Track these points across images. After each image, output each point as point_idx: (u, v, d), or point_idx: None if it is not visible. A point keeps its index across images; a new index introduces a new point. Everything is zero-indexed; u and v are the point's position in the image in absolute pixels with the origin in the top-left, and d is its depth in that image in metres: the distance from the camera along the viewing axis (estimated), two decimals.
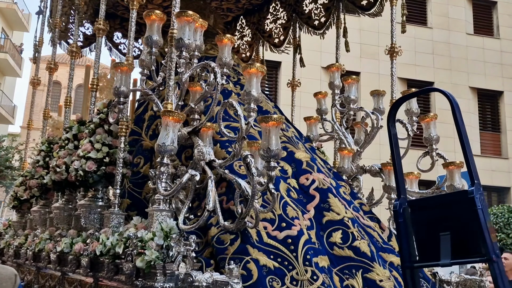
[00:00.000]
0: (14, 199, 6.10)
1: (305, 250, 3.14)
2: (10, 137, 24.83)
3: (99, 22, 4.42)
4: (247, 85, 3.12)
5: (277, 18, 6.39)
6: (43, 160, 5.49)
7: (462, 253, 2.40)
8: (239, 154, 2.98)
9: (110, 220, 3.68)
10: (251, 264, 2.95)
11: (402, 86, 19.05)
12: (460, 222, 2.37)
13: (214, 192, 2.93)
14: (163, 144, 2.99)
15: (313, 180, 3.77)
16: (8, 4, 27.22)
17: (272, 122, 2.79)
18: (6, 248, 6.25)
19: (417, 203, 2.74)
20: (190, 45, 3.30)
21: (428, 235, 2.46)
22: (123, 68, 3.69)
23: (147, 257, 2.73)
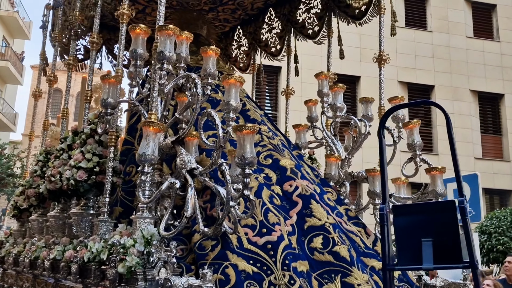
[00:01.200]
0: (14, 208, 6.22)
1: (284, 255, 3.23)
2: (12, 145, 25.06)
3: (93, 35, 4.56)
4: (226, 95, 3.23)
5: (272, 27, 6.49)
6: (41, 170, 5.61)
7: (445, 259, 2.52)
8: (216, 162, 3.07)
9: (99, 227, 3.78)
10: (229, 269, 3.05)
11: (403, 90, 19.10)
12: (442, 229, 2.51)
13: (193, 200, 3.03)
14: (143, 154, 3.10)
15: (296, 186, 3.86)
16: (9, 12, 27.50)
17: (246, 131, 2.89)
18: (7, 256, 6.37)
19: (400, 208, 2.85)
20: (171, 58, 3.41)
21: (410, 240, 2.57)
22: (110, 80, 3.80)
23: (128, 263, 2.83)
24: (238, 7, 6.16)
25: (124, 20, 4.10)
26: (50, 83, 6.01)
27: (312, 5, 5.92)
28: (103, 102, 3.76)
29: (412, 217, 2.60)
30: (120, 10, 4.08)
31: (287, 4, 6.17)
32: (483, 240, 11.17)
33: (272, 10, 6.33)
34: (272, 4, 6.28)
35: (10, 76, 27.39)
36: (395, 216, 2.61)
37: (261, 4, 6.21)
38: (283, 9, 6.23)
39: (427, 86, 19.30)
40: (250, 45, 6.88)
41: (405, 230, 2.59)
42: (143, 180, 3.14)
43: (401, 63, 19.18)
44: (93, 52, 4.66)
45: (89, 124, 4.40)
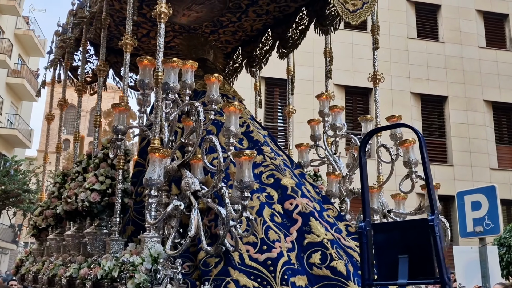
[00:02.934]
0: (34, 228, 6.54)
1: (283, 271, 3.46)
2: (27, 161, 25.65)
3: (100, 63, 4.87)
4: (227, 122, 3.49)
5: (265, 45, 6.79)
6: (58, 191, 5.92)
7: (418, 274, 2.71)
8: (217, 186, 3.32)
9: (111, 246, 4.05)
10: (231, 284, 3.29)
11: (416, 102, 19.21)
12: (417, 246, 2.69)
13: (197, 220, 3.28)
14: (150, 178, 3.37)
15: (296, 204, 4.10)
16: (25, 31, 28.23)
17: (244, 157, 3.14)
18: (27, 274, 6.68)
19: (380, 226, 3.04)
20: (175, 88, 3.69)
21: (388, 256, 2.76)
22: (120, 108, 4.10)
23: (137, 280, 3.10)
24: (238, 29, 6.48)
25: (127, 50, 4.40)
26: (62, 108, 6.34)
27: (301, 23, 6.22)
28: (114, 128, 4.05)
29: (390, 234, 2.80)
30: (123, 40, 4.38)
31: (283, 25, 6.46)
32: (502, 253, 11.04)
33: (270, 31, 6.60)
34: (270, 25, 6.57)
35: (26, 93, 28.09)
36: (375, 233, 2.79)
37: (260, 25, 6.51)
38: (279, 30, 6.52)
39: (440, 97, 19.36)
40: (246, 64, 7.19)
41: (383, 247, 2.78)
42: (150, 203, 3.41)
43: (414, 74, 19.31)
44: (101, 79, 4.98)
45: (102, 149, 4.70)
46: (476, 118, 19.16)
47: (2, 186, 21.67)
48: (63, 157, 6.97)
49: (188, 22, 6.32)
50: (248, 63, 7.13)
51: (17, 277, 7.45)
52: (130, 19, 4.60)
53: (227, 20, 6.34)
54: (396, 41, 19.50)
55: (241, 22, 6.39)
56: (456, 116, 19.11)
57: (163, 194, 3.94)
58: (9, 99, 27.26)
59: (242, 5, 5.99)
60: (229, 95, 5.51)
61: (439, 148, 19.10)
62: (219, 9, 6.06)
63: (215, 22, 6.38)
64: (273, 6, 6.08)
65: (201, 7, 5.99)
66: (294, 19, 6.31)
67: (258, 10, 6.15)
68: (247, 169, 3.16)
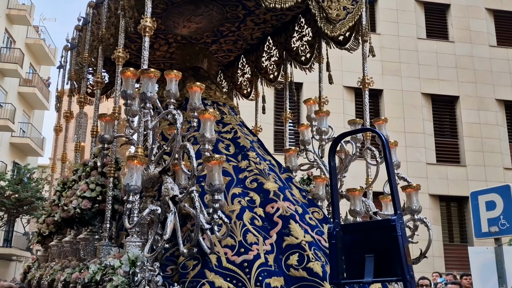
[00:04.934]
0: (38, 235, 6.82)
1: (258, 272, 3.64)
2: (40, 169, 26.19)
3: (97, 76, 5.11)
4: (202, 129, 3.68)
5: (271, 55, 6.93)
6: (58, 199, 6.18)
7: (383, 273, 2.85)
8: (188, 190, 3.52)
9: (100, 251, 4.27)
10: (206, 286, 3.49)
11: (427, 102, 19.21)
12: (381, 246, 2.81)
13: (173, 224, 3.47)
14: (127, 185, 3.58)
15: (277, 208, 4.28)
16: (36, 40, 28.84)
17: (213, 162, 3.34)
18: (32, 280, 6.95)
19: (348, 227, 3.16)
20: (152, 98, 3.89)
21: (356, 256, 2.89)
22: (107, 118, 4.31)
23: (115, 282, 3.29)
24: (238, 38, 6.66)
25: (120, 63, 4.62)
26: (67, 119, 6.61)
27: (304, 33, 6.33)
28: (100, 138, 4.27)
29: (357, 235, 2.94)
30: (116, 53, 4.61)
31: (283, 33, 6.62)
32: None
33: (270, 39, 6.77)
34: (269, 34, 6.74)
35: (37, 102, 28.68)
36: (344, 233, 2.93)
37: (259, 34, 6.68)
38: (280, 38, 6.68)
39: (451, 97, 19.34)
40: (252, 73, 7.34)
41: (352, 247, 2.91)
42: (128, 208, 3.61)
43: (424, 74, 19.33)
44: (98, 91, 5.21)
45: (93, 158, 4.93)
46: (488, 118, 19.09)
47: (15, 194, 22.18)
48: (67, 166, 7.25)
49: (190, 33, 6.54)
50: (261, 74, 7.21)
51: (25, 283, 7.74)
52: (122, 32, 4.82)
53: (226, 30, 6.53)
54: (405, 42, 19.54)
55: (240, 31, 6.56)
56: (468, 115, 19.05)
57: (147, 200, 4.15)
58: (21, 108, 27.86)
59: (240, 15, 6.17)
60: (219, 102, 5.70)
61: (451, 148, 19.06)
62: (218, 20, 6.26)
63: (216, 32, 6.57)
64: (269, 15, 6.23)
65: (200, 18, 6.19)
66: (293, 27, 6.46)
67: (256, 19, 6.32)
68: (217, 173, 3.34)
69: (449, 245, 18.04)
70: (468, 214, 17.64)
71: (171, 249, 4.01)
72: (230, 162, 4.73)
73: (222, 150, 4.88)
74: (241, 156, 4.85)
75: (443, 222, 18.32)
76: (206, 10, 5.92)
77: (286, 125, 6.57)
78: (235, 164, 4.75)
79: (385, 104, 19.06)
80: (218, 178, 3.35)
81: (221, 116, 5.46)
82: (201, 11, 5.91)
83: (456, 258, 17.45)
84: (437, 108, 19.41)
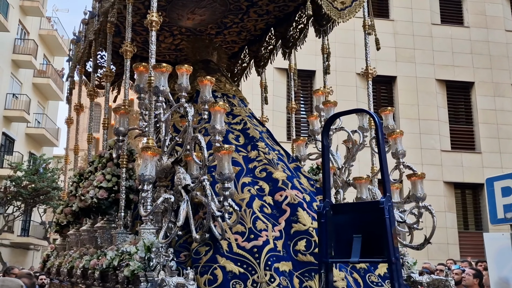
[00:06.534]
0: (56, 225, 7.12)
1: (267, 257, 3.86)
2: (55, 159, 26.73)
3: (107, 69, 5.32)
4: (212, 120, 3.89)
5: (269, 45, 7.12)
6: (75, 190, 6.46)
7: (369, 253, 2.97)
8: (201, 179, 3.74)
9: (117, 239, 4.52)
10: (217, 270, 3.71)
11: (441, 89, 19.20)
12: (370, 227, 2.90)
13: (185, 211, 3.70)
14: (142, 175, 3.80)
15: (286, 196, 4.49)
16: (49, 31, 29.24)
17: (223, 151, 3.55)
18: (52, 268, 7.27)
19: (338, 207, 3.22)
20: (164, 91, 4.10)
21: (345, 236, 2.97)
22: (121, 111, 4.54)
23: (132, 267, 3.53)
24: (242, 29, 6.84)
25: (127, 56, 4.83)
26: (78, 112, 6.85)
27: (300, 22, 6.51)
28: (115, 130, 4.50)
29: (347, 215, 3.03)
30: (123, 47, 4.81)
31: (284, 23, 6.78)
32: None
33: (273, 30, 6.94)
34: (272, 24, 6.91)
35: (52, 93, 29.16)
36: (334, 213, 3.02)
37: (262, 25, 6.85)
38: (281, 29, 6.84)
39: (466, 83, 19.31)
40: (249, 62, 7.54)
41: (341, 226, 3.00)
42: (143, 197, 3.84)
43: (438, 61, 19.29)
44: (107, 84, 5.43)
45: (109, 149, 5.17)
46: (504, 104, 19.03)
47: (32, 184, 22.70)
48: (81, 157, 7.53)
49: (194, 25, 6.71)
50: (255, 62, 7.46)
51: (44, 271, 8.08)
52: (129, 27, 5.01)
53: (230, 22, 6.70)
54: (419, 28, 19.49)
55: (244, 22, 6.73)
56: (483, 102, 19.01)
57: (161, 190, 4.38)
58: (36, 99, 28.35)
59: (243, 6, 6.33)
60: (229, 95, 5.90)
61: (466, 135, 19.07)
62: (221, 11, 6.43)
63: (219, 24, 6.74)
64: (272, 6, 6.40)
65: (204, 11, 6.36)
66: (294, 18, 6.62)
67: (259, 11, 6.48)
68: (227, 162, 3.56)
69: (464, 233, 18.13)
70: (483, 201, 17.70)
71: (184, 236, 4.25)
72: (240, 153, 4.94)
73: (232, 141, 5.09)
74: (251, 147, 5.06)
75: (458, 210, 18.38)
76: (209, 2, 6.09)
77: (293, 115, 6.74)
78: (244, 154, 4.96)
79: (399, 91, 19.09)
80: (228, 167, 3.56)
81: (231, 108, 5.66)
82: (204, 3, 6.08)
83: (471, 245, 17.54)
84: (451, 95, 19.39)
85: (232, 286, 3.67)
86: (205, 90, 4.46)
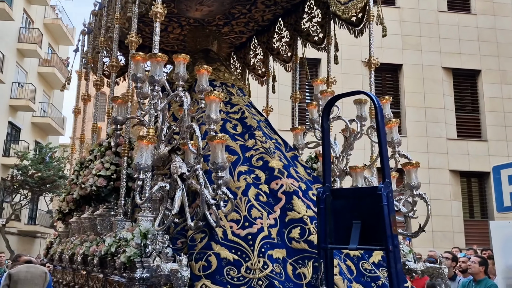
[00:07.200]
0: (59, 213, 7.25)
1: (261, 245, 3.94)
2: (61, 148, 26.96)
3: (112, 60, 5.40)
4: (208, 110, 3.95)
5: (282, 36, 7.13)
6: (76, 178, 6.57)
7: (368, 241, 2.96)
8: (194, 168, 3.82)
9: (116, 226, 4.62)
10: (212, 257, 3.80)
11: (448, 76, 19.14)
12: (369, 214, 2.83)
13: (180, 199, 3.78)
14: (137, 163, 3.89)
15: (281, 184, 4.56)
16: (53, 20, 29.33)
17: (217, 141, 3.61)
18: (54, 255, 7.41)
19: (338, 192, 3.12)
20: (159, 81, 4.16)
21: (344, 222, 2.91)
22: (119, 100, 4.62)
23: (128, 253, 3.63)
24: (249, 20, 6.88)
25: (133, 47, 4.90)
26: (85, 102, 6.95)
27: (314, 15, 6.50)
28: (113, 119, 4.59)
29: (347, 201, 2.95)
30: (129, 38, 4.88)
31: (293, 14, 6.79)
32: None
33: (281, 21, 6.97)
34: (280, 15, 6.94)
35: (57, 82, 29.25)
36: (334, 199, 2.94)
37: (270, 15, 6.88)
38: (290, 19, 6.86)
39: (473, 71, 19.24)
40: (264, 54, 7.55)
41: (340, 212, 2.94)
42: (139, 185, 3.93)
43: (445, 48, 19.20)
44: (113, 75, 5.51)
45: (108, 138, 5.26)
46: (511, 91, 18.92)
47: (38, 173, 22.95)
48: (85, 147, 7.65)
49: (202, 16, 6.77)
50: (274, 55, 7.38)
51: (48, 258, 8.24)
52: (135, 17, 5.08)
53: (238, 12, 6.75)
54: (426, 15, 19.37)
55: (251, 13, 6.77)
56: (490, 90, 18.93)
57: (158, 178, 4.46)
58: (41, 88, 28.53)
59: None
60: (228, 84, 5.96)
61: (472, 123, 19.02)
62: (229, 2, 6.48)
63: (227, 15, 6.79)
64: None
65: (212, 2, 6.40)
66: (303, 8, 6.62)
67: (266, 1, 6.52)
68: (220, 151, 3.62)
69: (469, 221, 18.16)
70: (489, 189, 17.69)
71: (181, 224, 4.34)
72: (237, 141, 5.01)
73: (229, 129, 5.16)
74: (248, 135, 5.13)
75: (463, 198, 18.40)
76: None
77: (296, 105, 6.79)
78: (242, 143, 5.03)
79: (405, 79, 19.03)
80: (221, 157, 3.63)
81: (229, 97, 5.73)
82: None
83: (476, 233, 17.59)
84: (458, 83, 19.33)
85: (226, 273, 3.76)
86: (202, 79, 4.52)
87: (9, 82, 24.62)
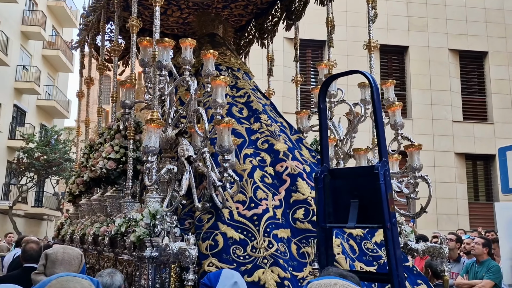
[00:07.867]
0: (69, 195, 7.45)
1: (266, 225, 4.10)
2: (67, 130, 27.16)
3: (114, 43, 5.50)
4: (214, 94, 4.08)
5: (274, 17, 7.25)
6: (86, 161, 6.74)
7: (365, 219, 3.06)
8: (201, 151, 3.96)
9: (125, 207, 4.79)
10: (219, 236, 3.97)
11: (454, 58, 19.11)
12: (367, 192, 2.94)
13: (187, 181, 3.94)
14: (146, 146, 4.04)
15: (286, 167, 4.71)
16: (57, 2, 29.25)
17: (223, 124, 3.75)
18: (65, 235, 7.63)
19: (336, 172, 3.27)
20: (166, 65, 4.29)
21: (343, 201, 3.03)
22: (127, 85, 4.75)
23: (137, 233, 3.80)
24: (248, 2, 6.95)
25: (134, 31, 5.01)
26: (88, 85, 7.08)
27: None
28: (121, 103, 4.72)
29: (345, 180, 3.07)
30: (129, 22, 4.99)
31: None
32: None
33: (279, 4, 7.05)
34: None
35: (61, 65, 29.41)
36: (332, 178, 3.06)
37: None
38: (286, 1, 6.94)
39: (480, 52, 19.19)
40: (254, 34, 7.68)
41: (339, 191, 3.06)
42: (148, 168, 4.08)
43: (452, 30, 19.13)
44: (116, 59, 5.63)
45: (117, 121, 5.41)
46: None
47: (44, 156, 23.21)
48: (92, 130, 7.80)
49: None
50: (260, 35, 7.58)
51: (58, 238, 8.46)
52: (135, 1, 5.17)
53: None
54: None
55: None
56: (496, 72, 18.90)
57: (166, 161, 4.62)
58: (46, 70, 28.63)
59: None
60: (234, 68, 6.07)
61: (478, 105, 19.04)
62: None
63: None
64: None
65: None
66: None
67: None
68: (227, 135, 3.77)
69: (474, 203, 18.29)
70: (494, 172, 17.78)
71: (189, 205, 4.51)
72: (243, 125, 5.15)
73: (235, 113, 5.29)
74: (254, 119, 5.26)
75: (468, 181, 18.50)
76: None
77: (298, 88, 6.89)
78: (247, 126, 5.16)
79: (411, 61, 19.01)
80: (228, 140, 3.77)
81: (235, 81, 5.85)
82: None
83: (481, 216, 17.72)
84: (464, 65, 19.30)
85: (232, 251, 3.94)
86: (208, 63, 4.63)
87: (13, 65, 24.74)
